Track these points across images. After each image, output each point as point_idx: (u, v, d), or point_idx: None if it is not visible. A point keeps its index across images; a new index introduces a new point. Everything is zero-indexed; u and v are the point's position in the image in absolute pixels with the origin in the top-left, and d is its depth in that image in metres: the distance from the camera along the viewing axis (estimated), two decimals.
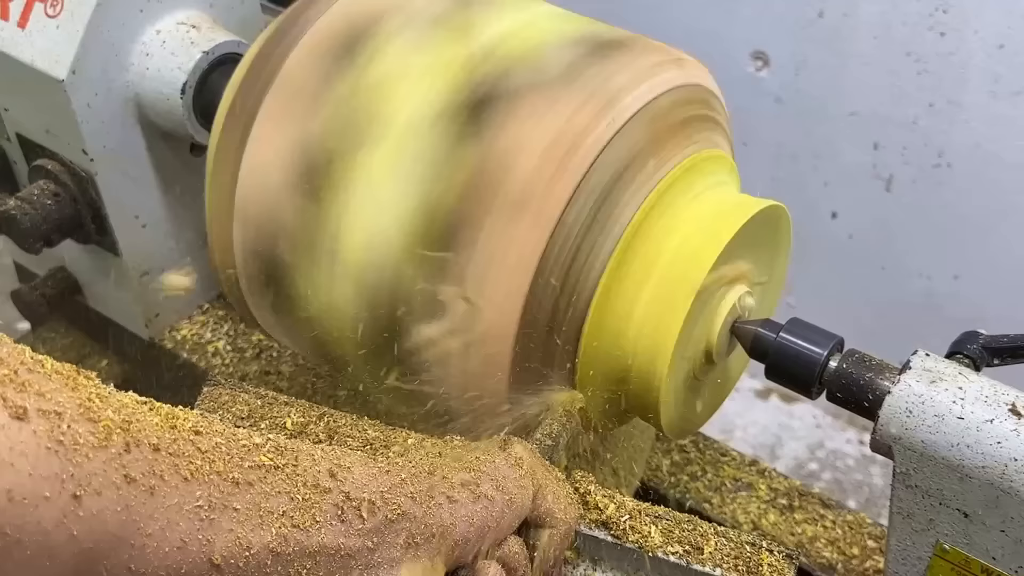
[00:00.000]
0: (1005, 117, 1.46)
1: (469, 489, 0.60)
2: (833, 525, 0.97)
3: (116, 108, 1.02)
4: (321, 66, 0.82)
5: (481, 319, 0.74)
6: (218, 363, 1.14)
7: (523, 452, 0.65)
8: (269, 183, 0.82)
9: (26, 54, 0.97)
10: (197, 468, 0.48)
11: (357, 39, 0.82)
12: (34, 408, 0.43)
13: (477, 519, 0.59)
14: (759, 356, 0.79)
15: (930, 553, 0.72)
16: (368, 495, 0.55)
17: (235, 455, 0.51)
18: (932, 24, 1.46)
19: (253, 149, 0.83)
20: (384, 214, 0.77)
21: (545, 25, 0.82)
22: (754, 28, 1.64)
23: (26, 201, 1.02)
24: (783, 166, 1.73)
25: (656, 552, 0.69)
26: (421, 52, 0.80)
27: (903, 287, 1.71)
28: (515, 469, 0.63)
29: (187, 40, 1.01)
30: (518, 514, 0.62)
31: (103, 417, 0.46)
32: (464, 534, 0.59)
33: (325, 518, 0.53)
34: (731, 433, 1.86)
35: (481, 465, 0.62)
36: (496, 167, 0.74)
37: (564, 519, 0.65)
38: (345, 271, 0.79)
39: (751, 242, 0.79)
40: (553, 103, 0.75)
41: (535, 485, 0.64)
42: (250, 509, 0.50)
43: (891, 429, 0.69)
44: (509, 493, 0.61)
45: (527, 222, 0.73)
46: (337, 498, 0.54)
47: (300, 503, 0.52)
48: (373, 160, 0.77)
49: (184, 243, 1.15)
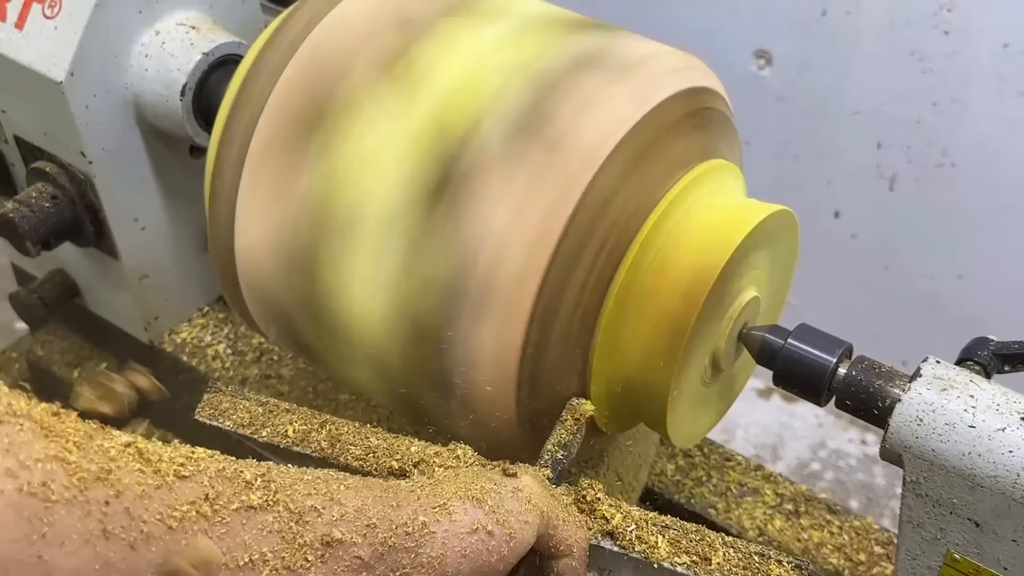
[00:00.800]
0: (1010, 116, 1.46)
1: (468, 521, 0.58)
2: (840, 531, 0.96)
3: (115, 110, 1.01)
4: (291, 138, 0.80)
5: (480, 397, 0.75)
6: (218, 367, 1.13)
7: (530, 482, 0.63)
8: (264, 267, 0.82)
9: (24, 55, 0.96)
10: (183, 515, 0.47)
11: (321, 109, 0.79)
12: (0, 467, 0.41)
13: (472, 553, 0.57)
14: (767, 363, 0.78)
15: (940, 563, 0.71)
16: (360, 530, 0.54)
17: (223, 497, 0.49)
18: (936, 23, 1.45)
19: (242, 227, 0.82)
20: (377, 299, 0.76)
21: (491, 63, 0.76)
22: (757, 27, 1.63)
23: (24, 204, 1.01)
24: (786, 165, 1.72)
25: (663, 563, 0.68)
26: (382, 121, 0.77)
27: (907, 287, 1.70)
28: (520, 503, 0.61)
29: (187, 41, 1.00)
30: (518, 551, 0.60)
31: (79, 469, 0.43)
32: (456, 567, 0.57)
33: (316, 556, 0.52)
34: (733, 433, 1.86)
35: (485, 496, 0.60)
36: (462, 265, 0.72)
37: (578, 544, 0.64)
38: (355, 353, 0.80)
39: (758, 247, 0.78)
40: (506, 189, 0.72)
41: (542, 517, 0.62)
42: (239, 553, 0.49)
43: (901, 437, 0.68)
44: (510, 528, 0.59)
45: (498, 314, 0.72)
46: (328, 534, 0.52)
47: (290, 543, 0.51)
48: (354, 248, 0.76)
49: (183, 245, 1.14)
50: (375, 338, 0.77)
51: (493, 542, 0.58)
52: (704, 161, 0.79)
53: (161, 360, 1.16)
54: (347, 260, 0.77)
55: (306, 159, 0.79)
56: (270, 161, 0.80)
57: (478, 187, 0.72)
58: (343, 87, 0.79)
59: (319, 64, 0.81)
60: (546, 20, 0.80)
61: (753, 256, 0.78)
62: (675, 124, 0.76)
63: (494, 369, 0.73)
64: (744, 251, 0.75)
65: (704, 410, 0.84)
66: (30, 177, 1.05)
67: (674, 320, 0.74)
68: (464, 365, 0.74)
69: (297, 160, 0.79)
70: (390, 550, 0.54)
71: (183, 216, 1.12)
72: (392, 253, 0.75)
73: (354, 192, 0.76)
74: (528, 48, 0.77)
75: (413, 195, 0.74)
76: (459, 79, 0.76)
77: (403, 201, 0.74)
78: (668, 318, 0.74)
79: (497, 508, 0.59)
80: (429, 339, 0.74)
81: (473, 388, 0.75)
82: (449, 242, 0.72)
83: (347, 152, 0.77)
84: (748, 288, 0.79)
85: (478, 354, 0.73)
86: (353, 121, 0.78)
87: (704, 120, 0.80)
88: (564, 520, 0.64)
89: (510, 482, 0.62)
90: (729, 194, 0.81)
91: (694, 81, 0.79)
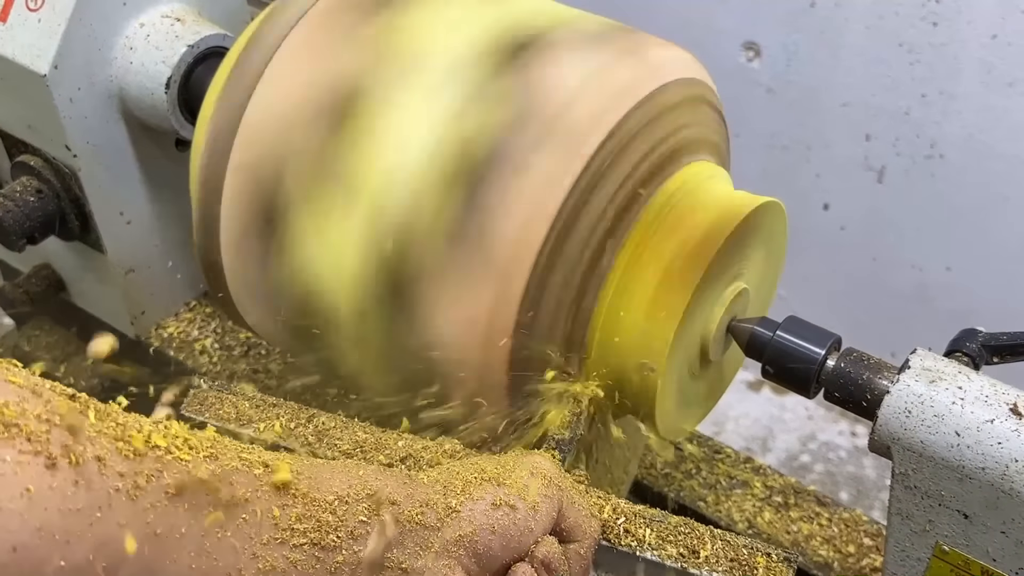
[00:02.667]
0: (998, 108, 1.46)
1: (490, 497, 0.59)
2: (829, 523, 0.96)
3: (99, 103, 1.00)
4: (350, 15, 0.81)
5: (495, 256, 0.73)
6: (205, 361, 1.13)
7: (546, 463, 0.64)
8: (281, 119, 0.80)
9: (7, 49, 0.96)
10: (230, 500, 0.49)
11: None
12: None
13: (499, 527, 0.58)
14: (755, 355, 0.78)
15: (929, 554, 0.71)
16: (386, 505, 0.55)
17: (252, 481, 0.51)
18: (925, 14, 1.45)
19: (264, 90, 0.80)
20: (412, 148, 0.75)
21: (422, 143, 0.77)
22: (746, 18, 1.63)
23: (8, 198, 1.01)
24: (774, 157, 1.72)
25: (651, 556, 0.68)
26: (454, 6, 0.80)
27: (895, 279, 1.70)
28: (538, 479, 0.61)
29: (171, 34, 0.99)
30: (544, 524, 0.61)
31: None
32: (486, 543, 0.58)
33: (345, 534, 0.53)
34: (723, 426, 1.86)
35: (503, 475, 0.61)
36: (537, 101, 0.73)
37: (590, 533, 0.64)
38: (358, 206, 0.76)
39: (747, 239, 0.78)
40: (591, 54, 0.76)
41: (560, 497, 0.62)
42: (272, 534, 0.51)
43: (890, 429, 0.68)
44: (532, 501, 0.60)
45: (557, 153, 0.72)
46: (357, 512, 0.54)
47: (321, 523, 0.53)
48: (408, 96, 0.76)
49: (169, 239, 1.13)
50: (399, 185, 0.75)
51: (518, 515, 0.59)
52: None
53: (147, 355, 1.15)
54: (402, 101, 0.77)
55: (368, 23, 0.80)
56: (319, 32, 0.80)
57: (563, 52, 0.76)
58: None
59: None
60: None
61: (741, 247, 0.78)
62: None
63: (538, 197, 0.73)
64: (732, 242, 0.75)
65: (692, 403, 0.84)
66: (14, 171, 1.04)
67: (663, 308, 0.74)
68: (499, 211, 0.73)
69: (355, 25, 0.80)
70: (417, 527, 0.55)
71: (169, 210, 1.11)
72: (465, 89, 0.76)
73: (428, 43, 0.78)
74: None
75: (498, 43, 0.77)
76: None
77: (486, 46, 0.77)
78: (656, 306, 0.74)
79: (517, 484, 0.60)
80: (476, 175, 0.73)
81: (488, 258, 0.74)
82: (528, 83, 0.75)
83: (421, 12, 0.80)
84: (737, 279, 0.79)
85: (531, 185, 0.73)
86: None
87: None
88: (579, 505, 0.64)
89: (526, 462, 0.63)
90: (718, 183, 0.81)
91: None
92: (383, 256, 0.75)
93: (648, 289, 0.75)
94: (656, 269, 0.75)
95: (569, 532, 0.63)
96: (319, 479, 0.54)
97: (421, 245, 0.73)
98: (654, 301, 0.74)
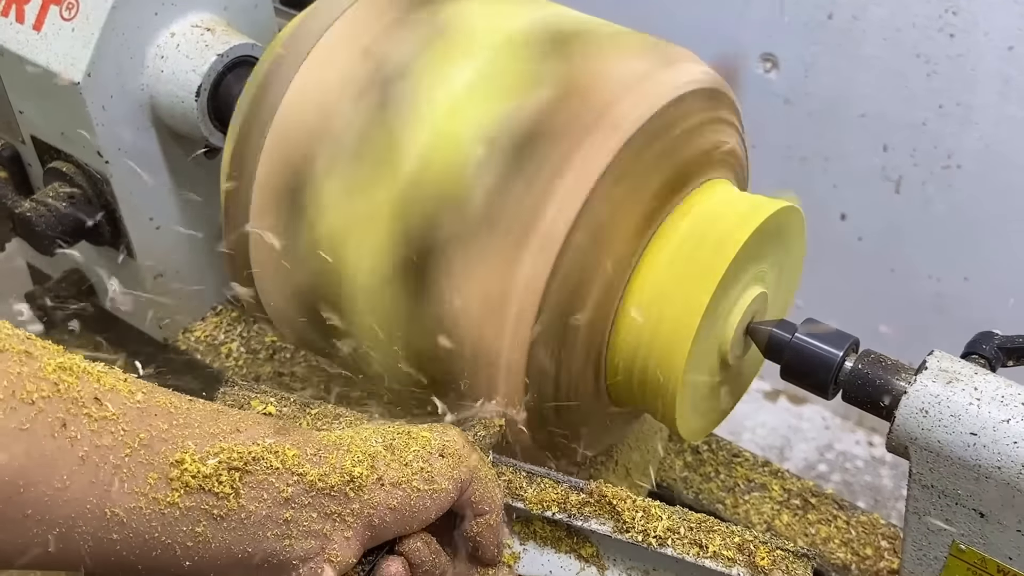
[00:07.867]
0: (1015, 119, 1.46)
1: (393, 473, 0.60)
2: (847, 526, 0.97)
3: (131, 110, 1.02)
4: (392, 12, 0.84)
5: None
6: (231, 364, 1.14)
7: (457, 437, 0.65)
8: (319, 101, 0.82)
9: (41, 57, 0.98)
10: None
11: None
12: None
13: (397, 504, 0.60)
14: (774, 357, 0.79)
15: (946, 553, 0.72)
16: (285, 475, 0.57)
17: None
18: (941, 26, 1.46)
19: (302, 77, 0.83)
20: (458, 121, 0.77)
21: (467, 117, 0.78)
22: (763, 30, 1.64)
23: (41, 203, 1.03)
24: (792, 168, 1.73)
25: (661, 544, 0.69)
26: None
27: (913, 289, 1.70)
28: (445, 458, 0.63)
29: (201, 43, 1.01)
30: (441, 504, 0.62)
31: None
32: (382, 518, 0.60)
33: (245, 486, 0.55)
34: (739, 435, 1.86)
35: (409, 450, 0.62)
36: (582, 84, 0.76)
37: (495, 503, 0.66)
38: (393, 179, 0.78)
39: (766, 243, 0.79)
40: (633, 54, 0.80)
41: (466, 474, 0.64)
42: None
43: (907, 429, 0.69)
44: (435, 483, 0.62)
45: (605, 136, 0.74)
46: (261, 471, 0.56)
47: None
48: (456, 71, 0.78)
49: (197, 245, 1.15)
50: (440, 158, 0.77)
51: (417, 495, 0.61)
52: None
53: (175, 358, 1.17)
54: (451, 76, 0.79)
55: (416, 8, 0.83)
56: (365, 20, 0.83)
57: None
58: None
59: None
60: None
61: (760, 251, 0.79)
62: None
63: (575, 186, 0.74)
64: (751, 246, 0.76)
65: (711, 404, 0.85)
66: (47, 177, 1.06)
67: (683, 311, 0.75)
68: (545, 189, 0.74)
69: (404, 12, 0.83)
70: (319, 494, 0.57)
71: (197, 216, 1.13)
72: (516, 67, 0.78)
73: (479, 21, 0.81)
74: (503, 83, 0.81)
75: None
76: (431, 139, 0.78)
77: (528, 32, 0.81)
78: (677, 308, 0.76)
79: (423, 462, 0.62)
80: (525, 153, 0.75)
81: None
82: (573, 66, 0.78)
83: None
84: (756, 282, 0.80)
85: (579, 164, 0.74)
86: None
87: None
88: (485, 479, 0.65)
89: (438, 440, 0.64)
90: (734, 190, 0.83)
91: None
92: (411, 226, 0.76)
93: (670, 286, 0.76)
94: (679, 266, 0.76)
95: (477, 504, 0.65)
96: (203, 425, 0.59)
97: (454, 216, 0.75)
98: (675, 298, 0.75)
